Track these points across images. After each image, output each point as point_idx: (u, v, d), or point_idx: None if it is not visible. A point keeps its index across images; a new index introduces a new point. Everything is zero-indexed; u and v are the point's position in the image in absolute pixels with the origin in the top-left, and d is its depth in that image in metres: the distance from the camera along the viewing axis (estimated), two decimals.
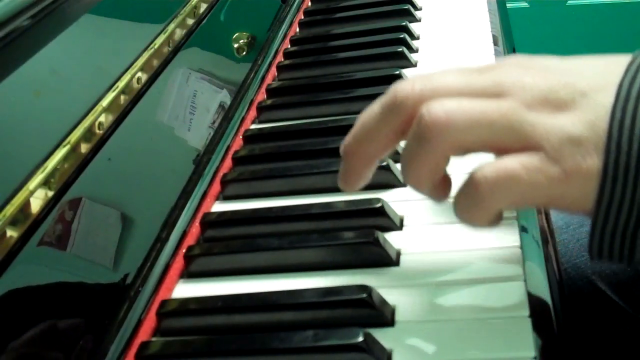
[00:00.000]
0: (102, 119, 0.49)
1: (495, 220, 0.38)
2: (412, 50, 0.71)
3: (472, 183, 0.36)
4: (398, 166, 0.53)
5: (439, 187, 0.40)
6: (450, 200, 0.50)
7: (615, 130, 0.34)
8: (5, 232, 0.39)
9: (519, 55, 0.40)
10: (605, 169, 0.34)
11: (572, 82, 0.36)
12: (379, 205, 0.48)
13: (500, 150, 0.37)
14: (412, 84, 0.38)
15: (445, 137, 0.36)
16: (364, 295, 0.40)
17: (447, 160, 0.39)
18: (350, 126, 0.58)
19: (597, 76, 0.37)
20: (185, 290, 0.47)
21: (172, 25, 0.61)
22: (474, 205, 0.37)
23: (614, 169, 0.34)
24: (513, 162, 0.35)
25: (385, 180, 0.52)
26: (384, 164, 0.52)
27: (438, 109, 0.36)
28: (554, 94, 0.36)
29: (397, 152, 0.54)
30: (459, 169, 0.40)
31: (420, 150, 0.37)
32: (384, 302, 0.41)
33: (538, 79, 0.37)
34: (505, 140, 0.36)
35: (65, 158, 0.44)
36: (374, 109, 0.40)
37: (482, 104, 0.37)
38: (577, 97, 0.36)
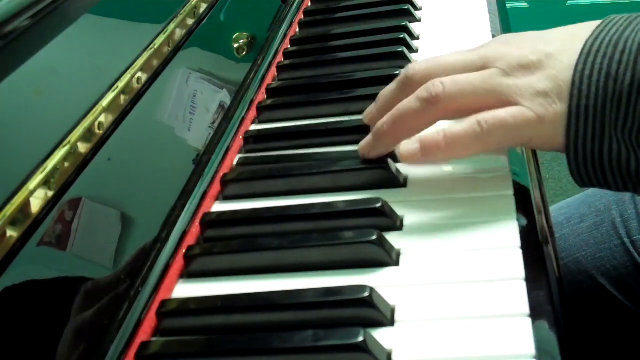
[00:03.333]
0: (102, 119, 0.49)
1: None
2: (412, 50, 0.71)
3: (476, 124, 0.47)
4: (398, 166, 0.53)
5: (391, 145, 0.52)
6: (449, 200, 0.50)
7: (577, 78, 0.45)
8: (5, 232, 0.39)
9: (505, 34, 0.51)
10: (570, 110, 0.45)
11: (541, 47, 0.47)
12: (378, 205, 0.48)
13: (487, 109, 0.47)
14: (419, 65, 0.51)
15: (442, 103, 0.48)
16: (364, 295, 0.40)
17: (430, 124, 0.50)
18: (350, 128, 0.59)
19: (564, 41, 0.47)
20: (185, 290, 0.47)
21: (172, 25, 0.61)
22: (476, 140, 0.47)
23: (577, 108, 0.45)
24: (502, 112, 0.46)
25: (386, 180, 0.52)
26: (385, 164, 0.52)
27: (437, 83, 0.48)
28: (525, 59, 0.47)
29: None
30: None
31: (418, 106, 0.48)
32: (384, 301, 0.41)
33: (513, 48, 0.48)
34: (489, 101, 0.47)
35: (65, 158, 0.44)
36: (391, 85, 0.52)
37: (470, 75, 0.48)
38: (544, 59, 0.46)
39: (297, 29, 0.82)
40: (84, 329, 0.41)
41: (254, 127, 0.64)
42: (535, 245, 0.44)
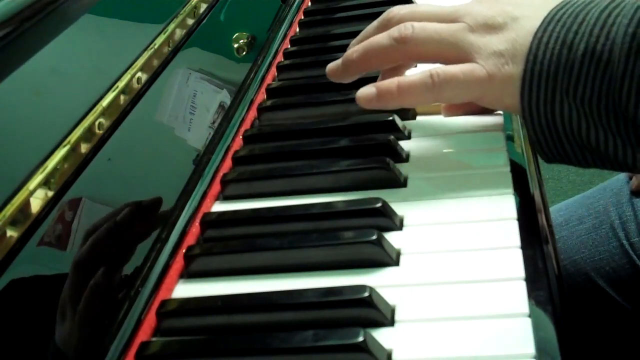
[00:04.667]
0: (102, 119, 0.49)
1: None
2: None
3: (428, 77, 0.50)
4: (398, 166, 0.53)
5: (356, 74, 0.57)
6: (449, 200, 0.50)
7: (534, 45, 0.47)
8: (5, 232, 0.39)
9: None
10: (524, 74, 0.47)
11: (509, 10, 0.49)
12: (379, 205, 0.48)
13: (447, 60, 0.51)
14: (400, 9, 0.55)
15: (408, 45, 0.52)
16: (364, 295, 0.40)
17: (394, 62, 0.55)
18: (349, 126, 0.58)
19: (532, 7, 0.49)
20: (185, 290, 0.47)
21: (172, 25, 0.61)
22: (427, 91, 0.50)
23: (531, 73, 0.47)
24: (455, 68, 0.50)
25: (386, 180, 0.52)
26: (385, 164, 0.52)
27: (408, 26, 0.52)
28: (492, 19, 0.49)
29: (397, 153, 0.55)
30: None
31: (387, 42, 0.52)
32: (384, 302, 0.41)
33: (485, 7, 0.51)
34: (451, 52, 0.51)
35: (65, 158, 0.44)
36: (373, 23, 0.56)
37: (439, 25, 0.51)
38: (509, 22, 0.49)
39: (297, 29, 0.82)
40: (84, 329, 0.41)
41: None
42: (535, 245, 0.44)
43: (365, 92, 0.53)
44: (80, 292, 0.42)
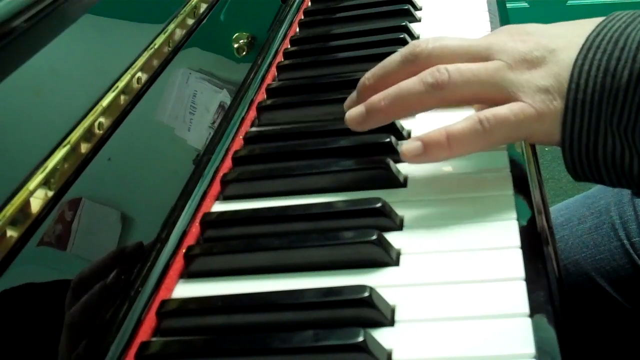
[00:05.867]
0: (102, 119, 0.49)
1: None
2: None
3: (478, 123, 0.47)
4: (398, 166, 0.53)
5: (382, 123, 0.52)
6: (449, 200, 0.50)
7: (576, 73, 0.45)
8: (5, 232, 0.39)
9: (510, 25, 0.52)
10: (566, 103, 0.45)
11: (545, 42, 0.48)
12: (379, 205, 0.48)
13: (487, 102, 0.49)
14: (427, 43, 0.50)
15: (445, 91, 0.48)
16: (364, 295, 0.40)
17: (427, 109, 0.51)
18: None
19: (567, 37, 0.48)
20: (185, 290, 0.47)
21: (172, 25, 0.61)
22: (479, 138, 0.47)
23: (574, 102, 0.45)
24: (504, 110, 0.47)
25: (386, 180, 0.52)
26: (384, 164, 0.52)
27: (443, 70, 0.48)
28: (530, 54, 0.47)
29: (397, 153, 0.55)
30: None
31: (421, 89, 0.49)
32: (384, 302, 0.41)
33: (519, 43, 0.48)
34: (492, 93, 0.48)
35: (65, 158, 0.44)
36: (395, 55, 0.52)
37: (474, 66, 0.48)
38: (548, 55, 0.47)
39: (297, 29, 0.82)
40: (84, 329, 0.41)
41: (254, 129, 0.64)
42: (535, 245, 0.44)
43: (410, 147, 0.49)
44: (81, 292, 0.42)
